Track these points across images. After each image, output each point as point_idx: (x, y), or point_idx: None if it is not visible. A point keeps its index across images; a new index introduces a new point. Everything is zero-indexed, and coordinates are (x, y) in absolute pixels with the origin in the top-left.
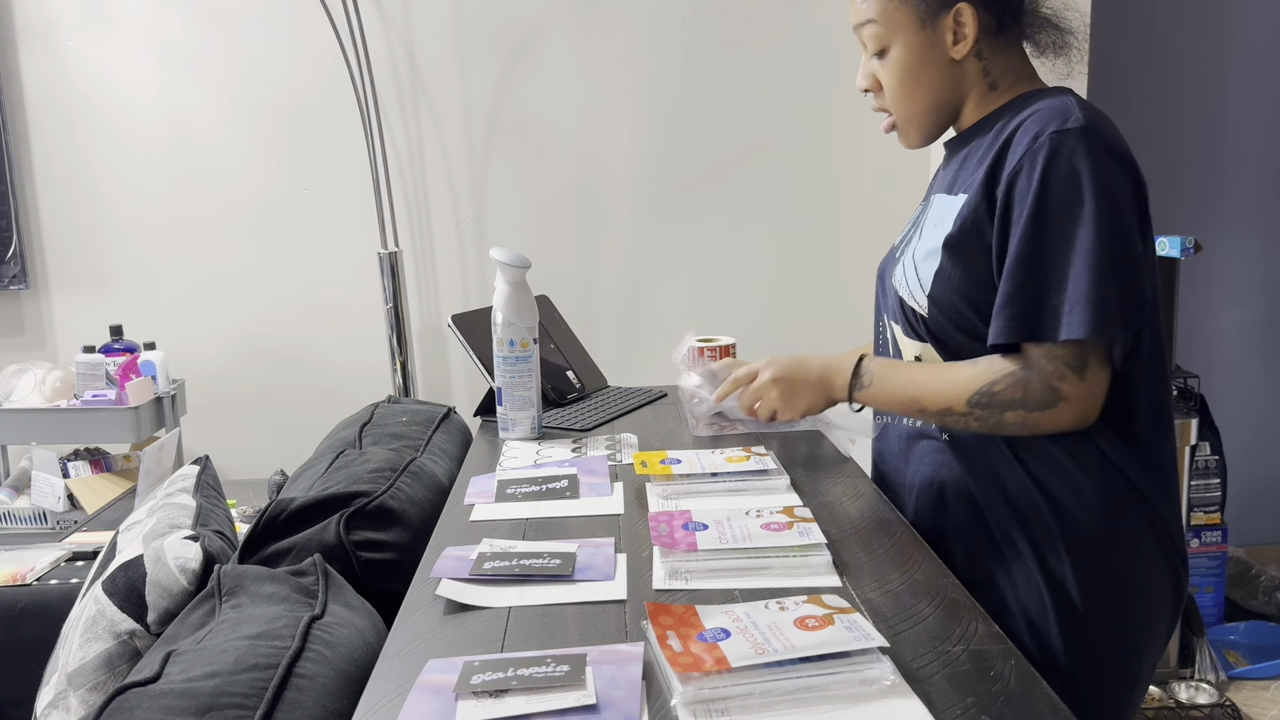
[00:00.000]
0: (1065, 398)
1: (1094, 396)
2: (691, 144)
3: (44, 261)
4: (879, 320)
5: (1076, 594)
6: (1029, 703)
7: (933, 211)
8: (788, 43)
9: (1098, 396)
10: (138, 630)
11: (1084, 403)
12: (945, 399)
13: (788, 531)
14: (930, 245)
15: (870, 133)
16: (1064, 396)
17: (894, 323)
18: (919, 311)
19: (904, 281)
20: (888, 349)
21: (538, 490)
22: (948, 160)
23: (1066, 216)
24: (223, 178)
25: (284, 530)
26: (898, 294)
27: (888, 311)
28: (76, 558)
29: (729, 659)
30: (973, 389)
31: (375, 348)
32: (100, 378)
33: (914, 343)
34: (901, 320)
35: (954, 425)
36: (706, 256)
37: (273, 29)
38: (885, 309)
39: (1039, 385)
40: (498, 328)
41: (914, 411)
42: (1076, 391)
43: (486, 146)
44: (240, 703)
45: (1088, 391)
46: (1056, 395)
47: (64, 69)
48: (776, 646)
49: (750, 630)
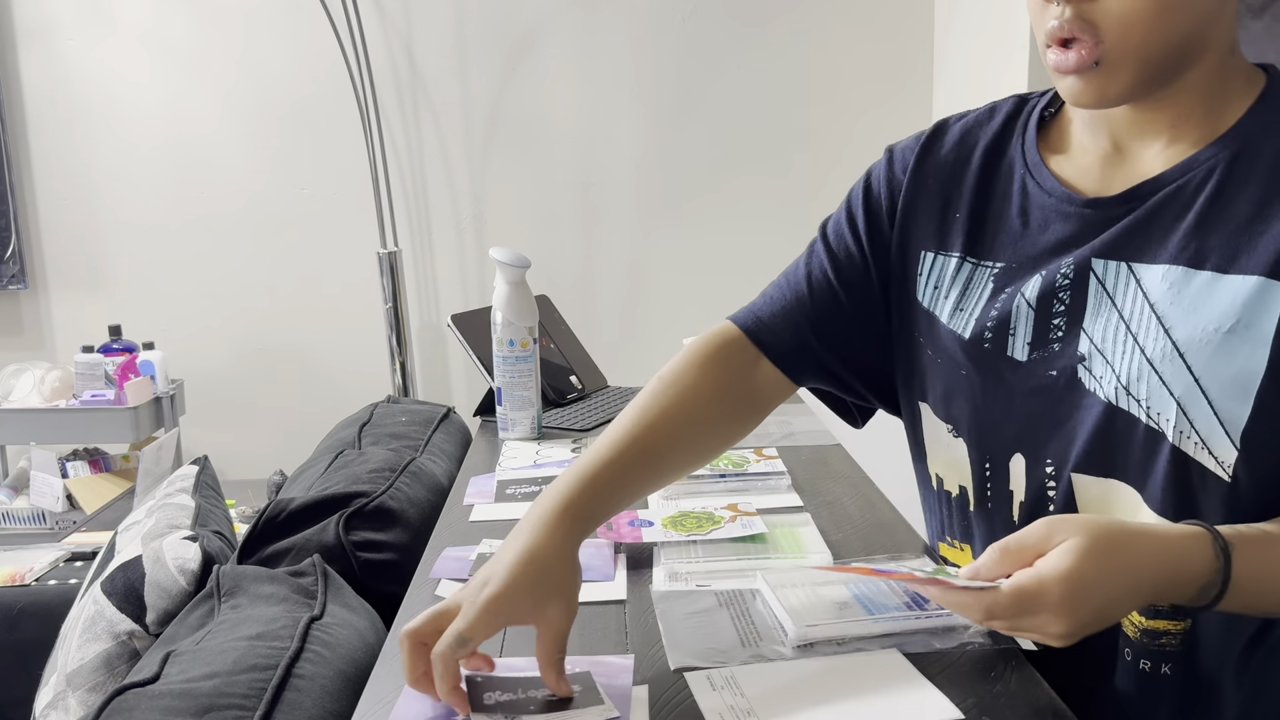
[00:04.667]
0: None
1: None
2: (691, 144)
3: (43, 261)
4: (983, 459)
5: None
6: (1029, 703)
7: (1173, 303)
8: (788, 42)
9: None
10: (136, 631)
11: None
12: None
13: (731, 525)
14: (1224, 369)
15: (871, 132)
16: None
17: (1086, 477)
18: (1215, 474)
19: (1169, 424)
20: (1020, 515)
21: (538, 490)
22: (1138, 195)
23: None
24: (222, 177)
25: (283, 531)
26: (1134, 438)
27: (1053, 457)
28: (75, 558)
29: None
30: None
31: (375, 348)
32: (99, 378)
33: (1163, 520)
34: (1145, 482)
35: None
36: (706, 256)
37: (272, 29)
38: (1032, 448)
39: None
40: (497, 328)
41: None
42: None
43: (486, 146)
44: (239, 703)
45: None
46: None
47: (63, 69)
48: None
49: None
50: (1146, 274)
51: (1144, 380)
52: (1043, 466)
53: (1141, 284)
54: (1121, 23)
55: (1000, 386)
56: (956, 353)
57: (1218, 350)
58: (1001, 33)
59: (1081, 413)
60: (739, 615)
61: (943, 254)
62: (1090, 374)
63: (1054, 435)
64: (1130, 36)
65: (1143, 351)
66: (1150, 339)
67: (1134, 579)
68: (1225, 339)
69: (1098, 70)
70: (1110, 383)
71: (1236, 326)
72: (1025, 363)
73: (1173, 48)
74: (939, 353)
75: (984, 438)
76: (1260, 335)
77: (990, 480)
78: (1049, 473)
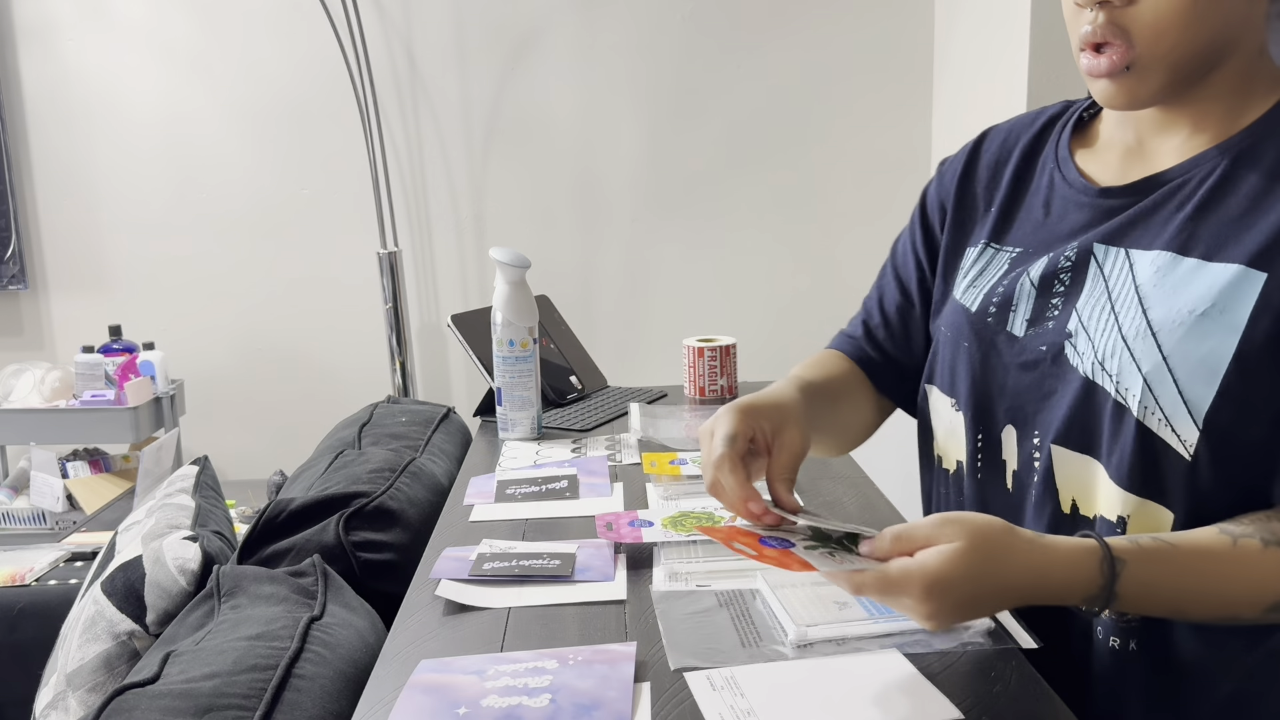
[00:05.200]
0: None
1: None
2: (691, 143)
3: (43, 261)
4: (977, 430)
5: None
6: (1029, 703)
7: (1156, 285)
8: (787, 42)
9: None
10: (137, 631)
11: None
12: (1233, 605)
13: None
14: (1194, 351)
15: (871, 132)
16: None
17: (1065, 450)
18: (1177, 451)
19: (1134, 399)
20: (1014, 485)
21: (537, 490)
22: (1146, 187)
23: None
24: (222, 177)
25: (283, 531)
26: (1098, 414)
27: (1039, 428)
28: (75, 558)
29: (811, 562)
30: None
31: (375, 348)
32: (99, 378)
33: (1127, 496)
34: (1111, 457)
35: (1224, 623)
36: (707, 256)
37: (272, 28)
38: (1022, 421)
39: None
40: (497, 328)
41: (1169, 614)
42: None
43: (486, 146)
44: (239, 704)
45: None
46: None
47: (63, 69)
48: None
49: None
50: (1140, 259)
51: (1116, 356)
52: (1031, 438)
53: (1134, 269)
54: (1153, 28)
55: (997, 360)
56: (962, 325)
57: (1189, 332)
58: (1002, 33)
59: (1064, 386)
60: (739, 615)
61: (971, 246)
62: (1075, 350)
63: (1041, 408)
64: (1161, 42)
65: (1120, 329)
66: (1128, 318)
67: (1000, 585)
68: (1198, 322)
69: (1129, 74)
70: (1089, 358)
71: (1210, 311)
72: (1021, 338)
73: (1202, 51)
74: (949, 327)
75: (979, 409)
76: (1233, 321)
77: (983, 452)
78: (1035, 444)
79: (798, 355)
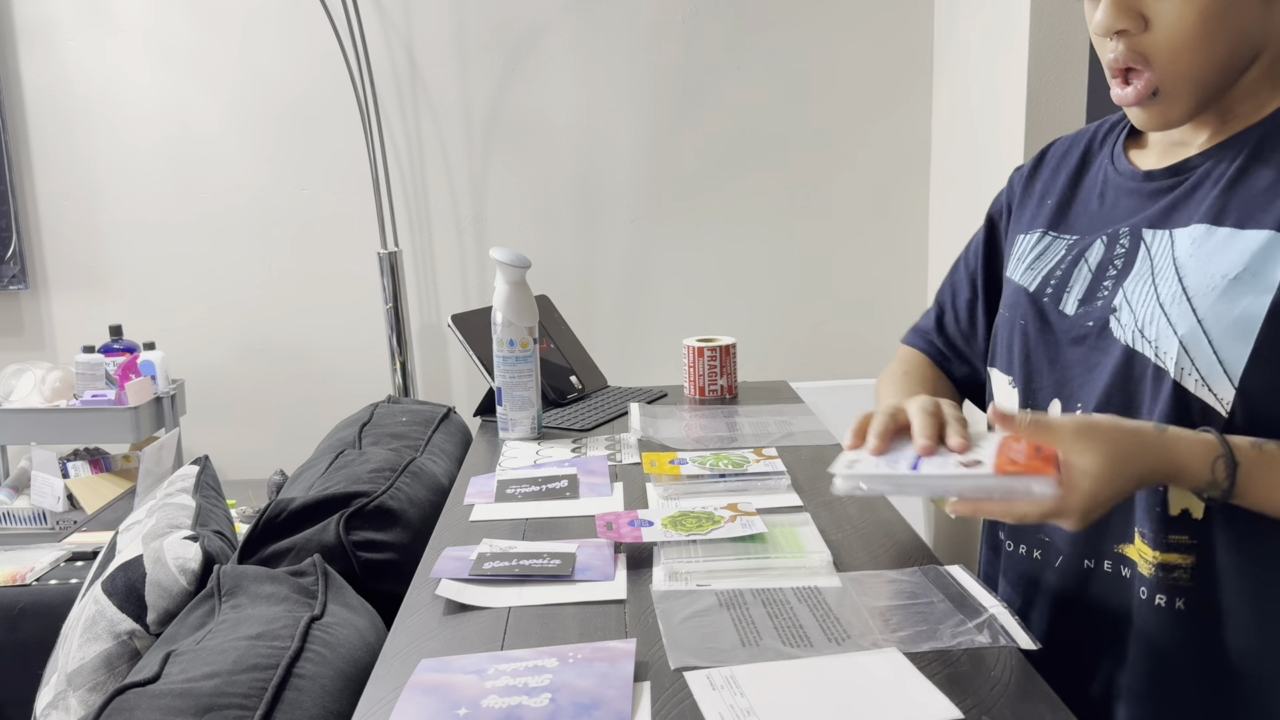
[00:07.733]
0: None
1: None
2: (691, 144)
3: (43, 261)
4: (1026, 404)
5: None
6: (1029, 702)
7: (1191, 255)
8: (787, 42)
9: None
10: (137, 630)
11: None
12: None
13: (731, 524)
14: (1227, 313)
15: (870, 132)
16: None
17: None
18: (1216, 410)
19: (1171, 362)
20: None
21: (537, 490)
22: (1183, 170)
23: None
24: (222, 177)
25: (283, 530)
26: (1147, 381)
27: (1082, 400)
28: (76, 558)
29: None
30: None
31: (375, 348)
32: (100, 378)
33: None
34: (1151, 420)
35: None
36: (707, 256)
37: (272, 29)
38: (1068, 395)
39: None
40: (498, 328)
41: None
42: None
43: (486, 146)
44: (240, 703)
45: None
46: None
47: (63, 69)
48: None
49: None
50: (1180, 236)
51: (1155, 323)
52: (1074, 409)
53: (1175, 245)
54: (1169, 51)
55: (1050, 335)
56: (1020, 303)
57: (1223, 295)
58: (1002, 33)
59: (1107, 358)
60: (739, 615)
61: (1030, 233)
62: (1118, 322)
63: (1085, 380)
64: (1179, 62)
65: (1158, 297)
66: (1165, 287)
67: (1134, 485)
68: (1231, 285)
69: (1157, 100)
70: (1130, 328)
71: (1243, 274)
72: (1072, 316)
73: (1222, 64)
74: (1007, 307)
75: (1029, 383)
76: (1265, 283)
77: None
78: (1078, 414)
79: (798, 355)
